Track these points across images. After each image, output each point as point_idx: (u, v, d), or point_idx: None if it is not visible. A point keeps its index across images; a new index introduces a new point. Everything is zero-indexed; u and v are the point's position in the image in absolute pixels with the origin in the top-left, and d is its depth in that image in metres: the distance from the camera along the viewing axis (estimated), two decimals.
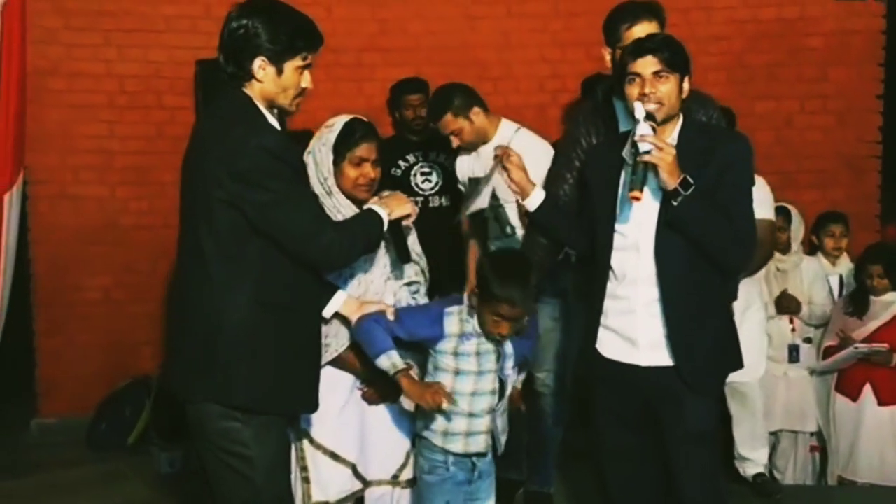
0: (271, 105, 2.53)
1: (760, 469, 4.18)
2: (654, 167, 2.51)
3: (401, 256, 2.82)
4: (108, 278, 5.13)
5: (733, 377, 3.21)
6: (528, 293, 2.72)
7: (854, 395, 4.48)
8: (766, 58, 5.08)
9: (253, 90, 2.50)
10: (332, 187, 2.79)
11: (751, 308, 4.13)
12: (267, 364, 2.47)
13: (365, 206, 2.69)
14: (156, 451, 4.57)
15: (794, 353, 4.57)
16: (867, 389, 4.44)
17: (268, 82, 2.48)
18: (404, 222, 2.74)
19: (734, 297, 3.17)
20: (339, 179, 2.80)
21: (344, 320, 2.78)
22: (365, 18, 5.08)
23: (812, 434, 4.66)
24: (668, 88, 2.59)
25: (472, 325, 2.74)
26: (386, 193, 2.83)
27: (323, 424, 2.81)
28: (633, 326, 2.71)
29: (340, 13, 5.08)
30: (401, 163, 4.54)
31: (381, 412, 2.88)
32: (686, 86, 2.65)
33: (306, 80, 2.53)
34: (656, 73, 2.59)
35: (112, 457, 4.69)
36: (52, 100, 4.98)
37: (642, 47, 2.63)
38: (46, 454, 4.72)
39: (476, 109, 3.75)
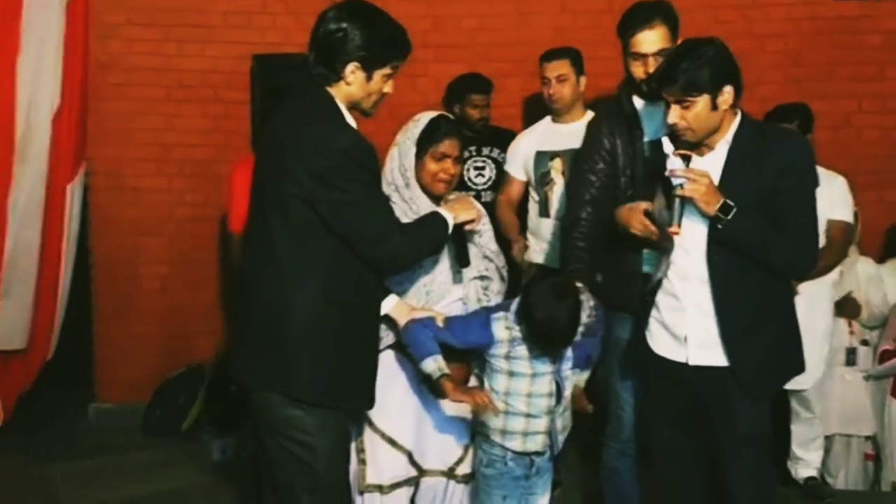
0: (352, 106, 2.59)
1: (813, 472, 4.14)
2: (689, 198, 2.54)
3: (460, 261, 2.88)
4: (165, 269, 5.23)
5: (793, 380, 3.20)
6: (573, 336, 2.71)
7: None
8: (823, 56, 5.00)
9: (338, 91, 2.56)
10: (411, 179, 2.86)
11: (815, 311, 4.07)
12: (330, 358, 2.53)
13: (433, 210, 2.74)
14: (208, 438, 4.67)
15: (851, 356, 4.50)
16: None
17: (356, 86, 2.55)
18: (467, 227, 2.79)
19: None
20: (419, 173, 2.87)
21: (390, 322, 2.81)
22: (419, 14, 5.08)
23: (867, 439, 4.59)
24: (693, 113, 2.58)
25: (519, 331, 2.73)
26: (452, 197, 2.90)
27: (383, 410, 2.85)
28: (683, 324, 2.71)
29: (395, 9, 5.02)
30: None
31: (441, 404, 2.90)
32: (725, 97, 2.58)
33: (389, 87, 2.61)
34: (679, 102, 2.58)
35: (166, 443, 4.80)
36: (112, 93, 5.08)
37: (660, 78, 2.64)
38: (103, 439, 4.84)
39: (585, 80, 3.87)
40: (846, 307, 4.44)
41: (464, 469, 2.95)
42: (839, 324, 4.46)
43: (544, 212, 3.96)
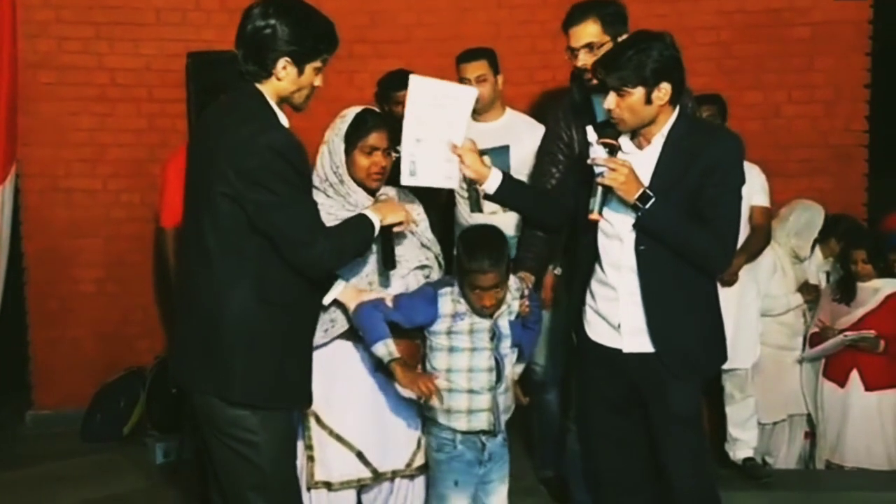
0: (283, 101, 2.57)
1: (750, 453, 4.24)
2: (610, 186, 2.60)
3: (385, 264, 2.85)
4: (101, 271, 5.15)
5: (730, 363, 3.33)
6: (498, 260, 2.76)
7: (841, 381, 4.54)
8: (753, 48, 5.11)
9: (269, 87, 2.54)
10: (344, 175, 2.87)
11: (747, 295, 4.19)
12: (264, 360, 2.52)
13: (359, 213, 2.72)
14: (150, 441, 4.60)
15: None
16: (854, 375, 4.50)
17: (287, 81, 2.53)
18: (396, 229, 2.79)
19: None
20: (351, 169, 2.87)
21: (342, 307, 2.82)
22: (356, 10, 5.08)
23: (808, 418, 4.72)
24: (627, 103, 2.63)
25: (465, 304, 2.80)
26: (382, 198, 2.90)
27: (331, 407, 2.85)
28: (617, 313, 2.77)
29: (331, 4, 4.93)
30: (393, 154, 4.55)
31: (395, 402, 2.91)
32: (661, 93, 2.63)
33: (320, 80, 2.60)
34: (616, 90, 2.64)
35: (107, 448, 4.72)
36: (43, 93, 4.99)
37: (603, 64, 2.70)
38: (41, 446, 4.75)
39: (502, 79, 3.92)
40: (811, 291, 4.58)
41: (419, 460, 2.95)
42: (797, 311, 4.59)
43: (476, 207, 3.98)
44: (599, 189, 2.63)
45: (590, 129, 2.72)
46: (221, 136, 2.48)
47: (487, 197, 2.98)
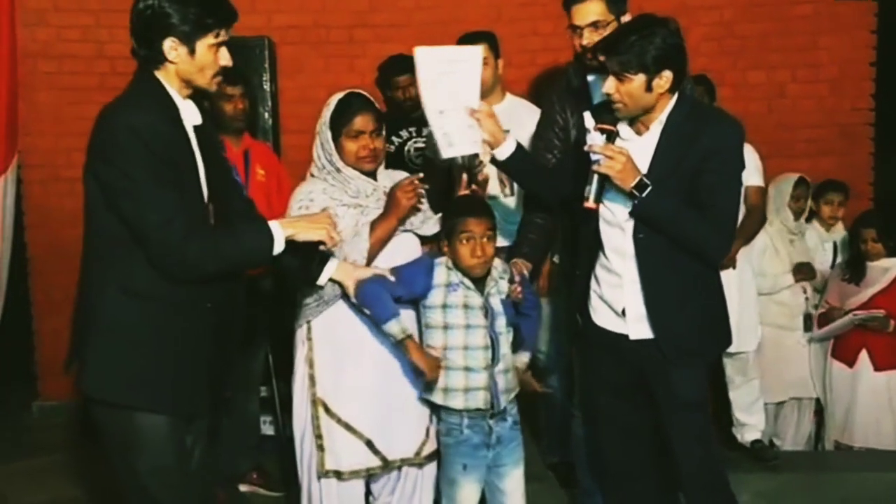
0: (188, 85, 2.42)
1: (757, 435, 4.22)
2: (606, 174, 2.56)
3: (305, 278, 2.75)
4: None
5: (734, 347, 3.30)
6: (488, 210, 2.83)
7: (850, 361, 4.53)
8: (757, 27, 5.06)
9: (168, 72, 2.39)
10: (338, 163, 2.86)
11: (745, 277, 4.17)
12: (121, 354, 2.36)
13: (272, 221, 2.49)
14: None
15: (808, 322, 4.61)
16: (863, 355, 4.50)
17: (182, 63, 2.38)
18: (321, 247, 2.61)
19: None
20: (341, 155, 2.85)
21: (337, 285, 2.79)
22: None
23: (817, 400, 4.71)
24: (627, 89, 2.58)
25: (457, 274, 2.81)
26: (316, 212, 2.77)
27: (340, 395, 2.85)
28: (622, 299, 2.76)
29: None
30: (394, 138, 4.53)
31: (404, 390, 2.90)
32: (662, 81, 2.58)
33: (225, 58, 2.42)
34: (616, 75, 2.59)
35: None
36: (43, 82, 4.96)
37: (605, 48, 2.65)
38: (48, 436, 4.74)
39: (503, 62, 3.91)
40: (804, 270, 4.55)
41: (428, 448, 2.95)
42: (795, 291, 4.56)
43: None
44: (595, 177, 2.59)
45: (587, 115, 2.67)
46: (98, 122, 2.36)
47: (497, 163, 2.95)
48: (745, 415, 4.22)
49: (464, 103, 2.81)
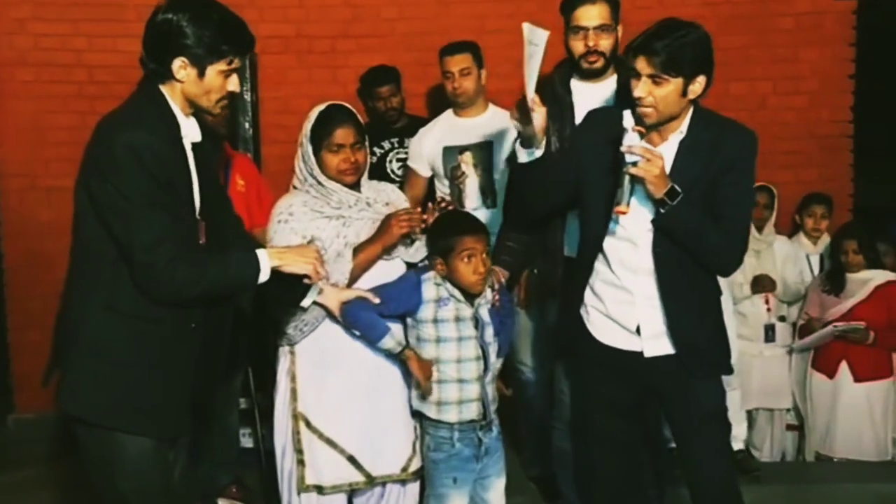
0: (193, 104, 2.37)
1: (740, 445, 4.23)
2: (640, 178, 2.42)
3: (290, 303, 2.73)
4: None
5: None
6: (482, 226, 2.82)
7: (830, 373, 4.54)
8: (739, 39, 5.08)
9: (172, 89, 2.33)
10: (320, 177, 2.83)
11: (723, 292, 4.16)
12: (101, 373, 2.31)
13: (260, 251, 2.42)
14: None
15: (769, 333, 4.63)
16: (843, 366, 4.52)
17: (189, 84, 2.32)
18: (305, 280, 2.52)
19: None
20: (323, 168, 2.82)
21: (323, 309, 2.79)
22: (337, 5, 5.04)
23: (788, 411, 4.72)
24: (663, 93, 2.45)
25: (447, 288, 2.79)
26: (305, 243, 2.73)
27: (321, 410, 2.83)
28: (635, 317, 2.68)
29: (312, 0, 5.04)
30: (376, 150, 4.51)
31: (391, 405, 2.88)
32: (696, 87, 2.49)
33: (233, 84, 2.37)
34: (651, 77, 2.46)
35: None
36: (21, 91, 4.91)
37: (640, 47, 2.47)
38: (24, 451, 4.66)
39: (486, 73, 3.92)
40: (763, 282, 4.56)
41: (415, 465, 2.92)
42: (756, 302, 4.57)
43: (458, 204, 3.95)
44: (627, 179, 2.41)
45: (627, 114, 2.44)
46: (96, 132, 2.31)
47: (518, 163, 2.73)
48: None
49: (529, 86, 2.63)
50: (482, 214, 3.60)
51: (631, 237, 2.62)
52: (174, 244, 2.26)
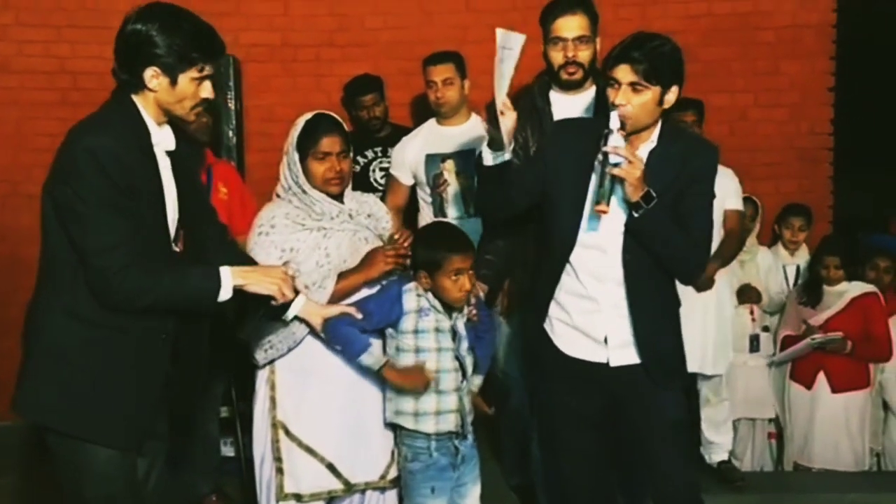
0: (167, 113, 2.38)
1: (725, 455, 4.26)
2: (621, 179, 2.46)
3: (271, 316, 2.72)
4: None
5: (712, 369, 3.46)
6: (468, 241, 2.82)
7: (808, 383, 4.57)
8: (720, 52, 5.14)
9: (146, 98, 2.34)
10: (304, 185, 2.84)
11: (723, 299, 4.20)
12: (58, 377, 2.30)
13: (224, 268, 2.36)
14: None
15: (754, 343, 4.65)
16: (821, 377, 4.54)
17: (161, 92, 2.32)
18: (273, 302, 2.46)
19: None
20: (308, 177, 2.82)
21: (303, 322, 2.78)
22: (322, 14, 5.05)
23: (770, 421, 4.75)
24: (641, 100, 2.51)
25: (427, 299, 2.79)
26: (280, 264, 2.72)
27: (300, 418, 2.82)
28: (602, 326, 2.69)
29: (297, 9, 5.05)
30: (360, 159, 4.52)
31: (370, 413, 2.87)
32: (671, 97, 2.56)
33: (206, 90, 2.37)
34: (632, 85, 2.51)
35: None
36: (3, 97, 4.90)
37: (621, 55, 2.53)
38: (1, 458, 4.63)
39: (469, 83, 3.93)
40: (749, 294, 4.58)
41: (393, 472, 2.92)
42: (741, 312, 4.60)
43: (440, 212, 3.97)
44: (609, 179, 2.46)
45: (614, 115, 2.46)
46: (63, 141, 2.30)
47: (483, 167, 2.74)
48: (715, 434, 4.25)
49: (498, 90, 2.64)
50: (463, 223, 3.61)
51: (600, 244, 2.65)
52: (130, 250, 2.23)
